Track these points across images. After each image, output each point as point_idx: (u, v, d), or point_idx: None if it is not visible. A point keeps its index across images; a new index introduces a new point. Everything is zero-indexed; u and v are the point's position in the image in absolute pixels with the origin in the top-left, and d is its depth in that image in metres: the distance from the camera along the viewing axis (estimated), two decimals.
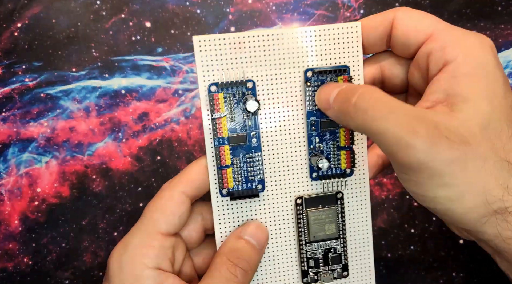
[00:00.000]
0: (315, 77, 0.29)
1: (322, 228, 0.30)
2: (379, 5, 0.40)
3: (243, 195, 0.29)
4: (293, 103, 0.29)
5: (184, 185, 0.28)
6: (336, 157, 0.30)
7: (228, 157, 0.29)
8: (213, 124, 0.28)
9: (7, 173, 0.38)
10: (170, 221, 0.28)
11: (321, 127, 0.29)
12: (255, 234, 0.29)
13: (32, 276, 0.38)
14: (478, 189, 0.23)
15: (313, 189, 0.30)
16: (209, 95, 0.28)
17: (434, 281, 0.40)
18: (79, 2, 0.39)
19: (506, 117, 0.24)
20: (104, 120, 0.39)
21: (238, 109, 0.28)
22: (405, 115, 0.23)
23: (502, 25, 0.40)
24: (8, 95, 0.39)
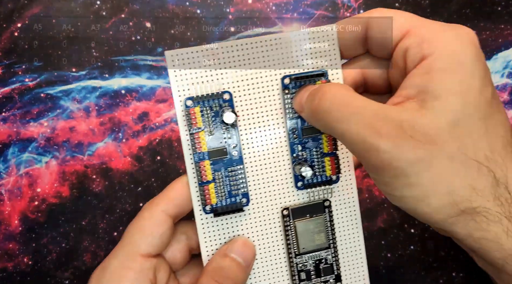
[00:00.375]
0: (293, 84, 0.28)
1: (311, 238, 0.29)
2: (379, 5, 0.40)
3: (227, 211, 0.28)
4: (273, 112, 0.28)
5: (164, 204, 0.28)
6: (320, 164, 0.29)
7: (209, 172, 0.28)
8: (191, 140, 0.27)
9: (7, 173, 0.38)
10: (150, 241, 0.27)
11: (302, 135, 0.29)
12: (241, 251, 0.28)
13: (32, 276, 0.38)
14: (444, 189, 0.23)
15: (300, 199, 0.29)
16: (185, 110, 0.27)
17: (434, 281, 0.40)
18: (79, 2, 0.39)
19: (481, 114, 0.23)
20: (104, 120, 0.39)
21: (216, 122, 0.28)
22: (368, 115, 0.23)
23: (502, 25, 0.40)
24: (8, 95, 0.39)
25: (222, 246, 0.28)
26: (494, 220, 0.23)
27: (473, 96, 0.23)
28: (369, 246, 0.40)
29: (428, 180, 0.22)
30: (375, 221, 0.40)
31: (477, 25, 0.40)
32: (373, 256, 0.40)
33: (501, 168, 0.23)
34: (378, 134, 0.22)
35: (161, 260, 0.28)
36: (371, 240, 0.40)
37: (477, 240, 0.23)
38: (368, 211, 0.40)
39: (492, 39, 0.40)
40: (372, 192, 0.40)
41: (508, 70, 0.40)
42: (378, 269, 0.40)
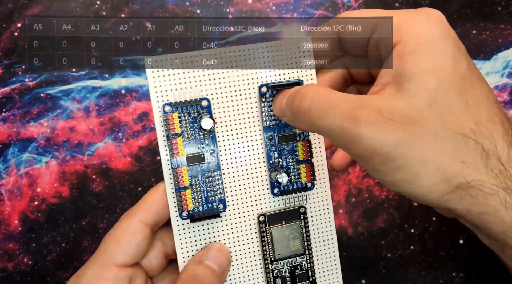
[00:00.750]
0: (269, 92, 0.29)
1: (287, 244, 0.29)
2: (379, 5, 0.40)
3: (203, 216, 0.28)
4: (250, 119, 0.29)
5: (141, 213, 0.28)
6: (296, 171, 0.29)
7: (186, 178, 0.28)
8: (169, 145, 0.28)
9: (7, 173, 0.38)
10: (126, 251, 0.27)
11: (279, 142, 0.29)
12: (216, 258, 0.28)
13: (32, 276, 0.38)
14: (433, 167, 0.23)
15: (276, 205, 0.30)
16: (163, 115, 0.27)
17: (434, 281, 0.40)
18: (79, 2, 0.39)
19: (457, 89, 0.23)
20: (104, 120, 0.39)
21: (194, 128, 0.28)
22: (346, 106, 0.23)
23: (502, 25, 0.40)
24: (8, 95, 0.39)
25: (197, 253, 0.28)
26: (491, 193, 0.23)
27: (446, 72, 0.23)
28: (369, 246, 0.40)
29: (415, 160, 0.22)
30: (375, 221, 0.40)
31: (477, 25, 0.40)
32: (373, 256, 0.40)
33: (489, 139, 0.23)
34: (358, 122, 0.22)
35: (138, 269, 0.28)
36: (371, 240, 0.40)
37: (477, 215, 0.23)
38: (368, 211, 0.40)
39: (492, 39, 0.40)
40: (372, 192, 0.40)
41: (508, 70, 0.40)
42: (378, 269, 0.40)
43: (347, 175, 0.40)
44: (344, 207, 0.40)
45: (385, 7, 0.40)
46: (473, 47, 0.40)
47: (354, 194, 0.40)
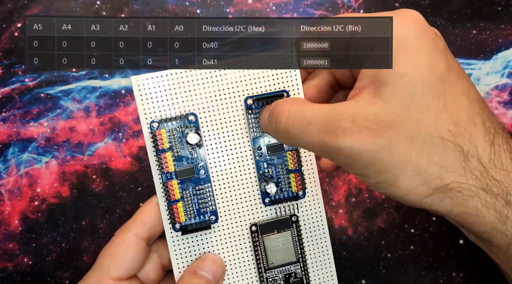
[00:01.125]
0: (255, 104, 0.29)
1: (279, 253, 0.30)
2: (379, 5, 0.40)
3: (195, 228, 0.29)
4: (238, 131, 0.29)
5: (136, 227, 0.28)
6: (286, 181, 0.30)
7: (177, 191, 0.29)
8: (159, 160, 0.28)
9: (7, 173, 0.38)
10: (121, 266, 0.28)
11: (268, 153, 0.30)
12: (210, 268, 0.28)
13: (32, 276, 0.38)
14: (410, 171, 0.23)
15: (267, 215, 0.30)
16: (151, 132, 0.28)
17: (434, 281, 0.40)
18: (79, 2, 0.39)
19: (434, 90, 0.23)
20: (104, 120, 0.39)
21: (183, 143, 0.29)
22: (321, 121, 0.23)
23: (502, 25, 0.40)
24: (8, 95, 0.39)
25: (192, 264, 0.29)
26: (471, 194, 0.23)
27: (422, 73, 0.23)
28: (369, 246, 0.40)
29: (392, 164, 0.23)
30: (375, 221, 0.40)
31: (477, 25, 0.40)
32: (373, 256, 0.40)
33: (469, 140, 0.23)
34: (335, 135, 0.23)
35: (134, 282, 0.29)
36: (371, 240, 0.40)
37: (459, 215, 0.24)
38: (368, 211, 0.40)
39: (492, 39, 0.40)
40: (372, 192, 0.40)
41: (508, 70, 0.40)
42: (378, 269, 0.40)
43: (347, 174, 0.40)
44: (344, 207, 0.40)
45: (385, 7, 0.40)
46: (473, 47, 0.40)
47: (354, 194, 0.40)
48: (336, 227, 0.40)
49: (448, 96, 0.23)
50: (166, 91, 0.29)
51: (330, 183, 0.40)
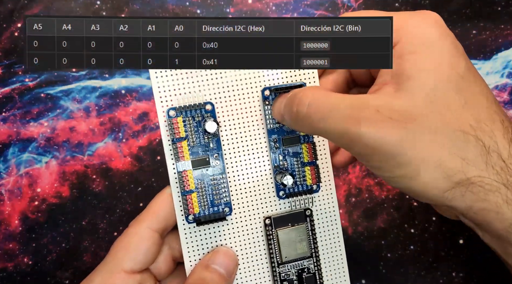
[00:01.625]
0: (272, 95, 0.29)
1: (293, 247, 0.29)
2: (379, 5, 0.40)
3: (210, 220, 0.28)
4: (254, 122, 0.29)
5: (149, 220, 0.28)
6: (301, 174, 0.29)
7: (192, 181, 0.28)
8: (174, 149, 0.28)
9: (7, 173, 0.38)
10: (134, 258, 0.27)
11: (283, 145, 0.29)
12: (223, 262, 0.28)
13: (32, 276, 0.38)
14: (433, 164, 0.23)
15: (281, 208, 0.30)
16: (168, 120, 0.28)
17: (434, 281, 0.40)
18: (79, 2, 0.39)
19: (455, 87, 0.23)
20: (104, 120, 0.39)
21: (199, 132, 0.28)
22: (345, 108, 0.23)
23: (502, 25, 0.40)
24: (8, 95, 0.39)
25: (204, 257, 0.28)
26: (492, 189, 0.23)
27: (444, 71, 0.23)
28: (369, 246, 0.40)
29: (415, 156, 0.23)
30: (375, 221, 0.40)
31: (477, 25, 0.40)
32: (373, 256, 0.40)
33: (490, 136, 0.23)
34: (358, 123, 0.23)
35: (147, 274, 0.28)
36: (371, 240, 0.40)
37: (478, 212, 0.23)
38: (368, 211, 0.40)
39: (492, 39, 0.40)
40: (372, 192, 0.40)
41: (508, 70, 0.40)
42: (378, 269, 0.40)
43: (347, 175, 0.40)
44: (344, 207, 0.40)
45: (385, 7, 0.40)
46: (473, 47, 0.40)
47: (354, 194, 0.40)
48: None
49: (468, 94, 0.24)
50: (184, 79, 0.28)
51: None
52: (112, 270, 0.27)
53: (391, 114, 0.23)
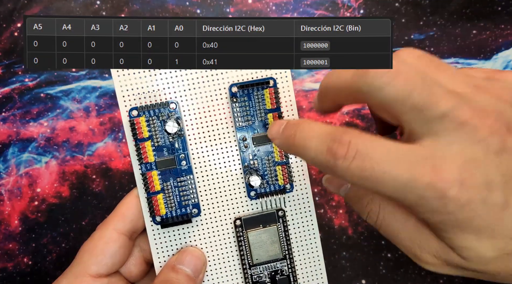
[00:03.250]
0: (240, 92, 0.28)
1: (265, 249, 0.29)
2: (379, 5, 0.40)
3: (176, 222, 0.27)
4: (222, 120, 0.28)
5: (116, 222, 0.27)
6: (272, 173, 0.28)
7: (157, 183, 0.27)
8: (137, 150, 0.27)
9: (7, 173, 0.38)
10: (100, 261, 0.27)
11: (253, 144, 0.28)
12: (189, 262, 0.27)
13: (32, 276, 0.38)
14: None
15: (253, 209, 0.29)
16: (130, 120, 0.27)
17: (434, 281, 0.40)
18: (79, 2, 0.39)
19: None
20: (104, 120, 0.39)
21: (163, 132, 0.27)
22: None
23: (502, 25, 0.40)
24: (8, 95, 0.39)
25: (170, 258, 0.28)
26: None
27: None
28: (369, 246, 0.40)
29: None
30: None
31: (477, 25, 0.40)
32: (373, 256, 0.40)
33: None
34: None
35: (116, 278, 0.28)
36: (371, 240, 0.40)
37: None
38: None
39: (492, 39, 0.40)
40: None
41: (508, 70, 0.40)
42: (378, 269, 0.40)
43: None
44: (344, 207, 0.40)
45: (384, 7, 0.40)
46: (473, 47, 0.40)
47: None
48: (336, 227, 0.40)
49: None
50: (147, 78, 0.27)
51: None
52: (78, 274, 0.27)
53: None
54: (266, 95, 0.28)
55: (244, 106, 0.28)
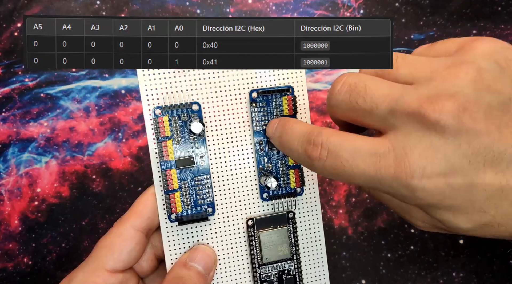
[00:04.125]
0: (260, 98, 0.29)
1: (274, 249, 0.30)
2: (379, 5, 0.40)
3: (192, 219, 0.28)
4: (240, 124, 0.29)
5: (133, 219, 0.28)
6: (285, 176, 0.30)
7: (176, 181, 0.28)
8: (159, 148, 0.28)
9: (7, 173, 0.38)
10: (117, 257, 0.27)
11: (268, 147, 0.29)
12: (201, 259, 0.28)
13: (32, 276, 0.38)
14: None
15: (264, 210, 0.30)
16: (153, 118, 0.28)
17: (434, 281, 0.40)
18: (79, 2, 0.39)
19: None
20: (104, 120, 0.39)
21: (184, 132, 0.28)
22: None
23: (502, 25, 0.40)
24: (8, 95, 0.39)
25: (182, 255, 0.29)
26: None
27: None
28: (369, 246, 0.40)
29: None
30: (375, 221, 0.40)
31: (477, 25, 0.40)
32: (373, 256, 0.40)
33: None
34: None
35: (129, 273, 0.29)
36: (371, 240, 0.40)
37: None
38: (368, 211, 0.40)
39: None
40: None
41: None
42: (378, 269, 0.40)
43: None
44: (344, 207, 0.40)
45: (384, 7, 0.40)
46: None
47: (354, 194, 0.40)
48: (336, 227, 0.40)
49: None
50: (171, 78, 0.28)
51: (330, 183, 0.40)
52: (94, 268, 0.27)
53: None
54: (284, 102, 0.29)
55: (263, 111, 0.29)
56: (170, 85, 0.28)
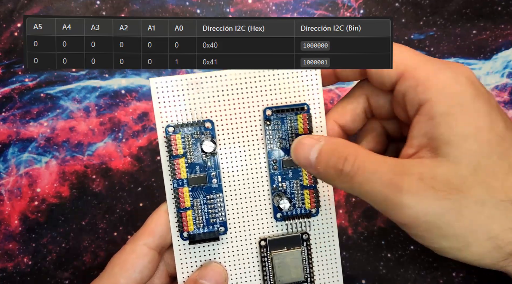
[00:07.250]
0: (274, 115, 0.28)
1: (287, 271, 0.29)
2: (379, 5, 0.40)
3: (203, 239, 0.28)
4: (254, 142, 0.29)
5: (146, 237, 0.28)
6: (300, 197, 0.29)
7: (188, 199, 0.28)
8: (171, 166, 0.28)
9: (7, 173, 0.38)
10: (130, 275, 0.27)
11: (283, 166, 0.29)
12: (212, 277, 0.28)
13: (32, 276, 0.38)
14: (483, 236, 0.22)
15: (278, 230, 0.29)
16: (166, 136, 0.28)
17: (434, 281, 0.40)
18: (79, 2, 0.39)
19: (498, 151, 0.22)
20: (104, 120, 0.39)
21: (197, 150, 0.28)
22: (387, 172, 0.22)
23: (502, 25, 0.40)
24: (8, 95, 0.39)
25: (193, 273, 0.28)
26: None
27: (484, 135, 0.22)
28: (369, 246, 0.40)
29: (463, 229, 0.22)
30: (375, 221, 0.40)
31: (477, 25, 0.40)
32: (373, 256, 0.40)
33: None
34: (400, 191, 0.22)
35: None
36: (371, 240, 0.40)
37: None
38: (368, 211, 0.40)
39: (492, 39, 0.40)
40: None
41: (508, 70, 0.40)
42: (378, 269, 0.40)
43: None
44: (344, 207, 0.40)
45: (384, 7, 0.40)
46: (473, 47, 0.40)
47: None
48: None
49: (510, 157, 0.23)
50: (185, 96, 0.28)
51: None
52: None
53: (434, 183, 0.22)
54: (299, 120, 0.29)
55: (277, 130, 0.29)
56: (184, 102, 0.28)
